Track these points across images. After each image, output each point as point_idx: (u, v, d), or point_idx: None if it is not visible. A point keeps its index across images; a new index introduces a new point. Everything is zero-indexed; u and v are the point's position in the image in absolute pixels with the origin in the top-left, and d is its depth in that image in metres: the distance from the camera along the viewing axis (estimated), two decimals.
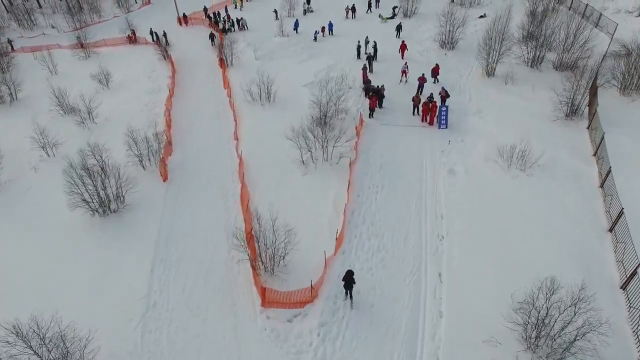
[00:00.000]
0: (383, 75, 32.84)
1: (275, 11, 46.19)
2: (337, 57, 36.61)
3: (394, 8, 44.69)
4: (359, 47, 35.69)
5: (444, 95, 27.57)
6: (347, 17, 46.31)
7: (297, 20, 42.65)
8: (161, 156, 25.41)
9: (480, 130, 25.88)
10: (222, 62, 36.83)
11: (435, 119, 26.77)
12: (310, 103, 27.28)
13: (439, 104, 27.42)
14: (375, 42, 35.05)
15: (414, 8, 43.19)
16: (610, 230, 18.60)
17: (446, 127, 26.33)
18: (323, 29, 40.87)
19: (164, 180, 24.47)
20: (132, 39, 43.61)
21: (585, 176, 21.82)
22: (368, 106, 27.88)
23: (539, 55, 32.14)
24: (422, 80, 29.69)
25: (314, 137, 23.95)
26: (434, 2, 46.61)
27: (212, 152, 26.69)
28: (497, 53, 30.96)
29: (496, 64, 31.34)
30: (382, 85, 29.22)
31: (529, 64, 32.55)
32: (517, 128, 25.47)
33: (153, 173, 24.90)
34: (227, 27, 44.48)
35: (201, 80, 35.65)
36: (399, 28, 38.42)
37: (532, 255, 17.93)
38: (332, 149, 24.13)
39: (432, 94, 27.43)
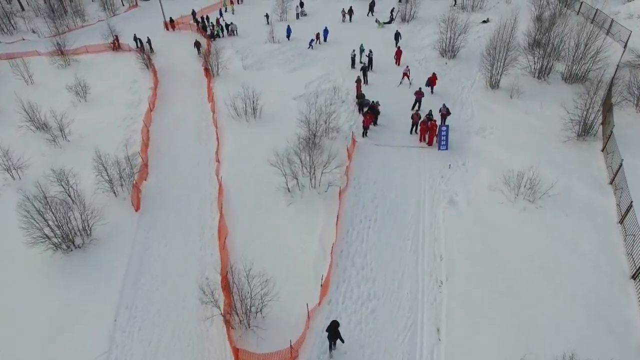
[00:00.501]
0: (379, 87, 30.63)
1: (267, 16, 43.89)
2: (330, 66, 34.38)
3: (391, 11, 42.38)
4: (353, 56, 33.45)
5: (445, 114, 25.34)
6: (343, 20, 44.03)
7: (289, 26, 40.36)
8: (134, 181, 23.29)
9: (483, 152, 23.67)
10: (208, 72, 34.62)
11: (434, 139, 24.59)
12: (299, 120, 25.06)
13: (439, 122, 25.24)
14: (370, 51, 32.79)
15: (413, 12, 40.86)
16: (634, 277, 16.43)
17: (446, 149, 24.14)
18: (318, 35, 38.51)
19: (137, 210, 22.34)
20: (116, 46, 41.37)
21: (601, 210, 19.61)
22: (362, 124, 25.67)
23: (546, 66, 29.88)
24: (419, 95, 27.45)
25: (301, 162, 21.77)
26: (433, 5, 44.33)
27: (190, 176, 24.53)
28: (502, 64, 28.70)
29: (500, 75, 29.09)
30: (377, 101, 27.01)
31: (536, 75, 30.28)
32: (524, 150, 23.31)
33: (125, 201, 22.76)
34: (215, 33, 42.22)
35: (184, 92, 33.43)
36: (397, 37, 35.93)
37: (543, 309, 15.77)
38: (321, 176, 21.98)
39: (430, 111, 25.23)
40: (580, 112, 23.79)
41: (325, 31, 38.71)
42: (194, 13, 46.76)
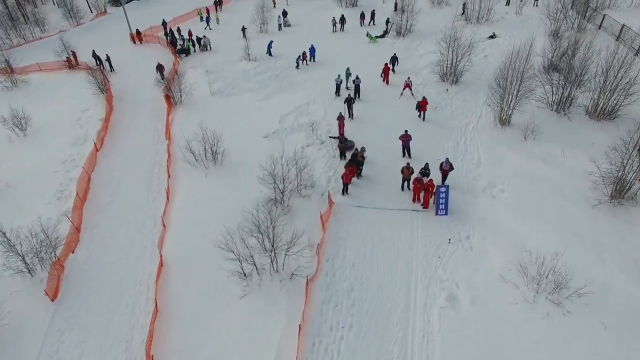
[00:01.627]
0: (367, 123, 25.87)
1: (244, 29, 38.94)
2: (312, 93, 29.60)
3: (386, 22, 37.43)
4: (338, 82, 28.64)
5: (447, 170, 20.51)
6: (334, 30, 39.18)
7: (270, 41, 35.46)
8: (55, 259, 18.73)
9: (492, 221, 18.93)
10: (169, 100, 29.91)
11: (431, 200, 19.91)
12: (261, 179, 20.30)
13: (439, 177, 20.55)
14: (357, 77, 27.96)
15: (409, 25, 35.90)
16: None
17: (446, 214, 19.44)
18: (304, 55, 33.47)
19: (53, 299, 17.78)
20: (72, 64, 36.67)
21: None
22: (341, 179, 20.95)
23: (566, 97, 25.05)
24: (404, 140, 22.60)
25: (259, 242, 17.11)
26: (433, 15, 39.41)
27: (129, 247, 19.87)
28: (514, 98, 23.90)
29: (512, 110, 24.30)
30: (362, 148, 22.32)
31: (554, 107, 25.48)
32: (543, 218, 18.61)
33: (42, 284, 18.21)
34: (186, 48, 37.41)
35: (140, 125, 28.69)
36: (394, 61, 30.74)
37: None
38: (285, 257, 17.36)
39: (427, 164, 20.48)
40: (615, 168, 19.05)
41: (312, 49, 33.72)
42: (164, 24, 41.94)
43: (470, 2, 36.68)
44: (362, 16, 38.70)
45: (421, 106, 25.86)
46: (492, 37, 33.94)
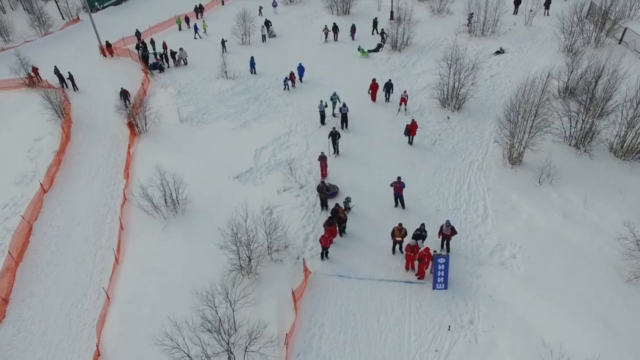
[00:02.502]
0: (354, 161, 22.46)
1: (223, 42, 35.49)
2: (294, 120, 26.22)
3: (381, 34, 33.92)
4: (322, 110, 25.23)
5: (448, 235, 17.07)
6: (326, 39, 35.73)
7: (252, 58, 31.93)
8: None
9: (502, 301, 15.52)
10: (132, 129, 26.56)
11: (428, 269, 16.57)
12: (221, 246, 16.91)
13: (438, 241, 17.18)
14: (344, 105, 24.55)
15: (406, 38, 32.36)
16: None
17: (445, 288, 16.11)
18: (292, 76, 29.67)
19: None
20: (33, 81, 33.29)
21: None
22: (319, 242, 17.57)
23: (587, 130, 21.62)
24: (398, 188, 19.18)
25: (215, 338, 13.81)
26: (433, 25, 35.87)
27: (64, 327, 16.60)
28: (527, 134, 20.49)
29: (525, 147, 20.90)
30: (347, 199, 18.99)
31: (572, 141, 22.08)
32: (565, 297, 15.26)
33: None
34: (159, 65, 33.95)
35: (98, 158, 25.33)
36: (388, 88, 26.70)
37: None
38: (245, 355, 14.06)
39: (422, 225, 17.06)
40: None
41: (301, 69, 30.00)
42: (138, 34, 38.50)
43: (475, 11, 33.05)
44: (353, 29, 35.06)
45: (410, 130, 22.82)
46: (499, 52, 30.41)
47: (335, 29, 35.77)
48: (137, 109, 27.00)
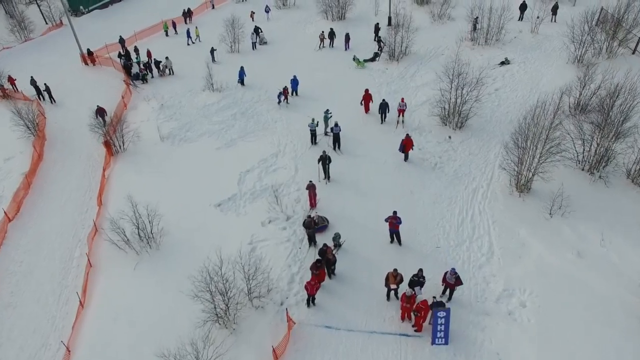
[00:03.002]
0: (346, 188, 20.62)
1: (212, 51, 33.59)
2: (283, 139, 24.38)
3: (378, 41, 32.01)
4: (313, 129, 23.38)
5: (452, 284, 15.18)
6: (321, 45, 33.93)
7: (242, 68, 30.02)
8: None
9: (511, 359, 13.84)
10: (109, 149, 24.75)
11: (427, 321, 14.78)
12: (196, 293, 15.12)
13: (441, 292, 15.35)
14: (337, 125, 22.70)
15: (405, 47, 30.44)
16: None
17: (445, 343, 14.33)
18: (286, 91, 27.38)
19: None
20: (7, 93, 31.45)
21: None
22: (305, 288, 15.76)
23: (602, 155, 19.78)
24: (392, 225, 17.29)
25: None
26: (433, 32, 33.95)
27: None
28: (537, 160, 18.67)
29: (534, 175, 19.08)
30: (337, 236, 17.23)
31: (585, 167, 20.26)
32: (583, 358, 13.50)
33: None
34: (142, 76, 32.10)
35: (71, 182, 23.48)
36: (383, 109, 24.22)
37: None
38: None
39: (420, 271, 15.22)
40: None
41: (295, 82, 28.02)
42: (122, 41, 36.62)
43: (479, 17, 31.09)
44: (347, 39, 33.09)
45: (405, 145, 21.27)
46: (504, 63, 28.49)
47: (331, 35, 33.92)
48: (115, 127, 25.18)
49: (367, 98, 25.39)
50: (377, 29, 33.59)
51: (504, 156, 19.69)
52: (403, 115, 24.35)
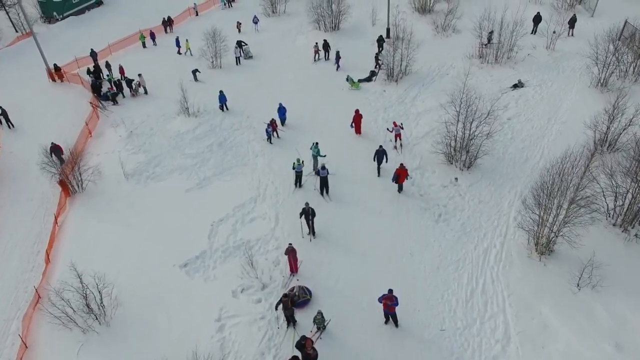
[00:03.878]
0: (333, 246, 17.64)
1: (195, 71, 30.37)
2: (264, 178, 21.43)
3: (376, 58, 28.95)
4: (298, 171, 20.34)
5: None
6: (317, 58, 31.06)
7: (221, 93, 26.66)
8: None
9: None
10: (65, 189, 21.81)
11: None
12: None
13: None
14: (324, 168, 19.61)
15: (405, 66, 27.37)
16: None
17: None
18: (274, 123, 23.78)
19: None
20: None
21: None
22: None
23: (637, 209, 16.81)
24: (389, 305, 14.22)
25: None
26: (437, 46, 30.85)
27: None
28: (560, 220, 15.71)
29: (557, 235, 16.13)
30: (320, 316, 14.33)
31: (617, 221, 17.31)
32: None
33: None
34: (110, 95, 29.07)
35: (19, 229, 20.49)
36: (380, 157, 20.30)
37: None
38: None
39: None
40: None
41: (282, 110, 24.64)
42: (94, 55, 33.61)
43: (486, 28, 27.93)
44: (338, 57, 29.69)
45: (399, 176, 19.15)
46: (517, 86, 25.42)
47: (325, 46, 30.94)
48: (74, 163, 22.24)
49: (357, 119, 22.89)
50: (380, 42, 30.41)
51: (522, 214, 16.73)
52: (401, 139, 21.96)
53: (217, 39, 31.01)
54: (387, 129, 22.74)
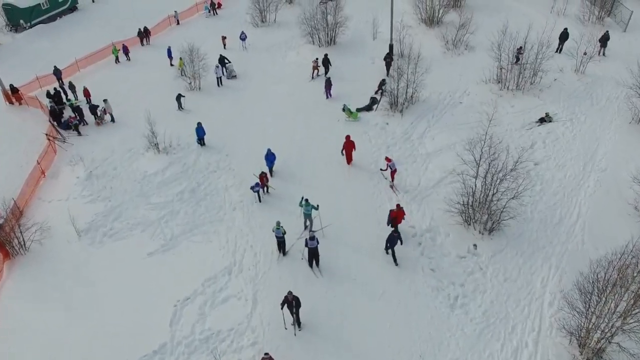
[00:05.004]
0: (324, 344, 14.20)
1: (179, 97, 26.36)
2: (241, 241, 17.99)
3: (380, 85, 25.25)
4: (281, 236, 16.90)
5: None
6: (316, 74, 27.93)
7: (199, 125, 23.02)
8: None
9: None
10: (5, 252, 18.43)
11: None
12: None
13: None
14: (313, 238, 16.15)
15: (412, 93, 23.85)
16: None
17: None
18: (264, 178, 19.62)
19: None
20: None
21: None
22: None
23: None
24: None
25: None
26: (448, 66, 27.35)
27: None
28: (618, 326, 12.35)
29: (611, 341, 12.76)
30: None
31: None
32: None
33: None
34: (72, 125, 25.56)
35: None
36: (393, 244, 16.12)
37: None
38: None
39: None
40: None
41: (270, 157, 20.58)
42: (57, 73, 30.14)
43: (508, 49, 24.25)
44: (329, 85, 25.66)
45: (395, 219, 16.78)
46: (544, 120, 21.89)
47: (325, 62, 27.50)
48: (18, 218, 18.86)
49: (348, 147, 20.49)
50: (388, 61, 26.80)
51: (563, 311, 13.35)
52: (393, 178, 19.31)
53: (196, 57, 27.50)
54: (381, 170, 19.92)
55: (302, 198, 17.66)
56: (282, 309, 14.25)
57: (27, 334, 15.31)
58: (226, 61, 29.12)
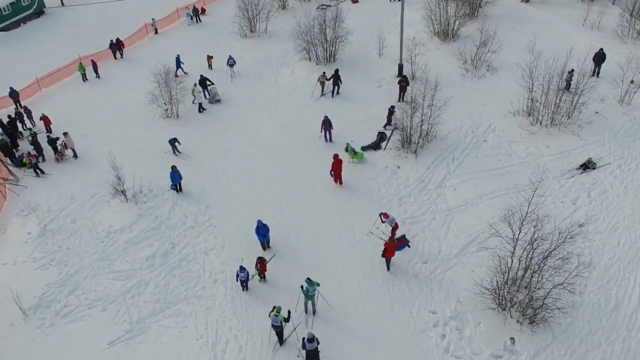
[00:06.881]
0: None
1: (173, 141, 22.74)
2: (223, 328, 15.30)
3: (390, 112, 22.47)
4: (278, 325, 14.23)
5: None
6: (324, 91, 25.67)
7: (174, 169, 20.11)
8: None
9: None
10: None
11: None
12: None
13: None
14: (313, 339, 13.46)
15: (429, 129, 21.12)
16: None
17: None
18: (262, 264, 16.23)
19: None
20: None
21: None
22: None
23: None
24: None
25: None
26: (466, 94, 24.59)
27: None
28: None
29: None
30: None
31: None
32: None
33: None
34: (33, 165, 22.71)
35: None
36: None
37: None
38: None
39: None
40: None
41: (262, 230, 17.20)
42: (14, 95, 27.23)
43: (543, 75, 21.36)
44: (327, 125, 22.18)
45: (387, 250, 15.84)
46: (587, 167, 19.24)
47: (335, 78, 24.86)
48: None
49: (337, 166, 19.38)
50: (404, 85, 24.14)
51: None
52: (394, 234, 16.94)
53: (171, 79, 24.70)
54: (377, 231, 17.45)
55: (305, 285, 14.91)
56: None
57: None
58: (208, 83, 26.29)
